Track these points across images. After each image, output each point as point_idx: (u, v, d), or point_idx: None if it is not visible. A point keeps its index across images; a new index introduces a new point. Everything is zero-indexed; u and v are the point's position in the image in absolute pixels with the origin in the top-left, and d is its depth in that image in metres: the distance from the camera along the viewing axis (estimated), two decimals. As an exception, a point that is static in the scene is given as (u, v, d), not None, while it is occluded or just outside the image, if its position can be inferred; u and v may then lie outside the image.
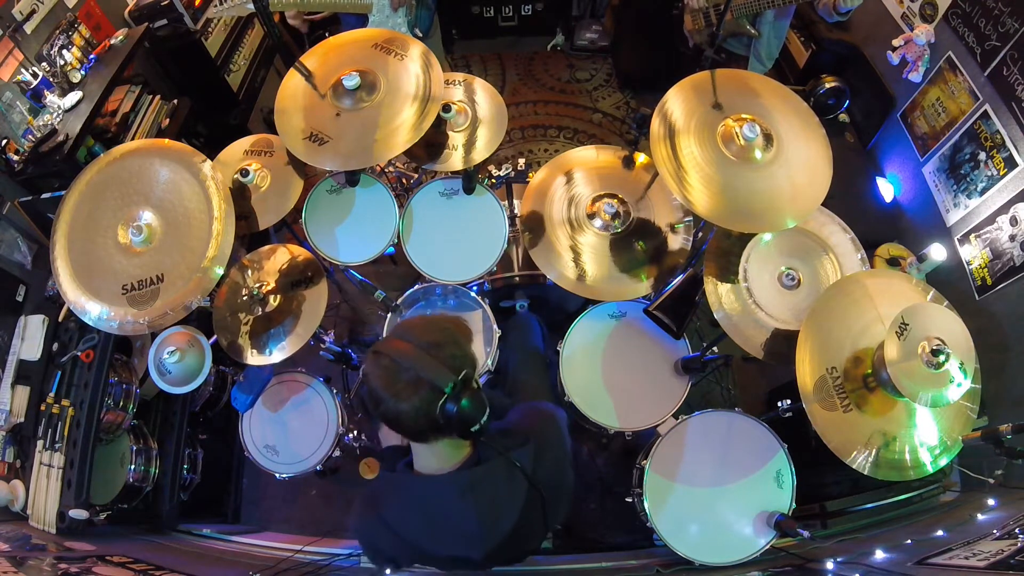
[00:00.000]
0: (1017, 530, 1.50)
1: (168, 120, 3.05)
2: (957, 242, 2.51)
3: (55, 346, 2.10)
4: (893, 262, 2.67)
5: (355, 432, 2.32)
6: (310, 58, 2.02)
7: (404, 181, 2.70)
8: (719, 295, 1.78)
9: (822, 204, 1.70)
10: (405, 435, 1.12)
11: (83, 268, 1.69)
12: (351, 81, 1.87)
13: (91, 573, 1.64)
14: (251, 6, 1.74)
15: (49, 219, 1.80)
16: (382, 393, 1.03)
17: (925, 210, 2.73)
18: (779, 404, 1.83)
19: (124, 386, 2.14)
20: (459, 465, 1.14)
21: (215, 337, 1.91)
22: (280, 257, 2.02)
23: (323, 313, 1.91)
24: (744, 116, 1.72)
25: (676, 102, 1.76)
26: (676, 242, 1.98)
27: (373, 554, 1.24)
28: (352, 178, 2.15)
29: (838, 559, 1.69)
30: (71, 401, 1.96)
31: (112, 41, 2.86)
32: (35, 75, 2.56)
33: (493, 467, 1.13)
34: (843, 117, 3.22)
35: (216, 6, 3.30)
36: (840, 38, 3.20)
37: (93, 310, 1.66)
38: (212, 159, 1.83)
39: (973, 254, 2.41)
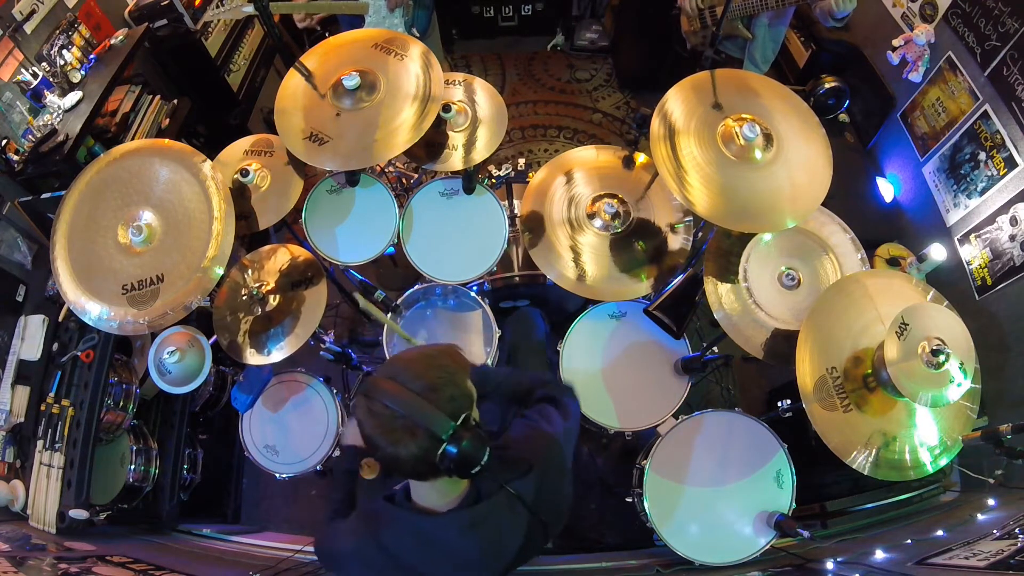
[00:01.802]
0: (1017, 530, 1.49)
1: (168, 120, 3.05)
2: (957, 242, 2.50)
3: (55, 346, 2.10)
4: (893, 262, 2.66)
5: (355, 432, 2.32)
6: (310, 58, 2.02)
7: (404, 181, 2.70)
8: (719, 295, 1.78)
9: (822, 204, 1.70)
10: (404, 477, 1.09)
11: (83, 268, 1.69)
12: (351, 81, 1.87)
13: (91, 573, 1.64)
14: (247, 9, 1.74)
15: (49, 219, 1.80)
16: (378, 440, 1.01)
17: (925, 210, 2.72)
18: (779, 404, 1.83)
19: (124, 386, 2.14)
20: (459, 500, 1.11)
21: (215, 337, 1.91)
22: (280, 257, 2.02)
23: (323, 313, 1.91)
24: (744, 116, 1.72)
25: (676, 102, 1.76)
26: (676, 242, 1.98)
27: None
28: (352, 178, 2.15)
29: (838, 559, 1.69)
30: (71, 401, 1.96)
31: (112, 41, 2.86)
32: (35, 75, 2.56)
33: (495, 503, 1.10)
34: (843, 117, 3.21)
35: (213, 9, 3.31)
36: (840, 38, 3.20)
37: (93, 310, 1.66)
38: (212, 159, 1.83)
39: (973, 254, 2.41)
